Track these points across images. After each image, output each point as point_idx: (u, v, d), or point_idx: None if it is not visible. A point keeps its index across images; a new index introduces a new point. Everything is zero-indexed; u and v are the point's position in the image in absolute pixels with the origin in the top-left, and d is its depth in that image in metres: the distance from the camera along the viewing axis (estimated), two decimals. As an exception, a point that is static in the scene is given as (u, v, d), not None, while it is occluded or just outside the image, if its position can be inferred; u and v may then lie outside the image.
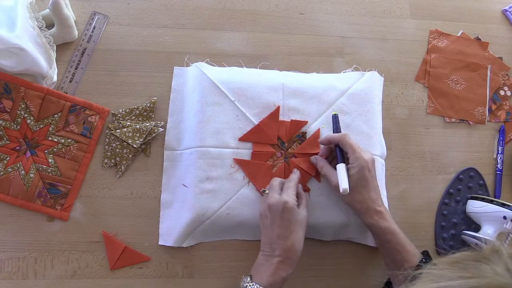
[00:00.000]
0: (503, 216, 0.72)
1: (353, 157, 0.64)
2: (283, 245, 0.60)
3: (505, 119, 0.84)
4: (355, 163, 0.63)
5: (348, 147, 0.64)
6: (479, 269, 0.39)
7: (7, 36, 0.62)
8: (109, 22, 0.77)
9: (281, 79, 0.75)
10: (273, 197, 0.63)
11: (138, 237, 0.70)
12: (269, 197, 0.63)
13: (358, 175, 0.63)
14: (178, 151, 0.73)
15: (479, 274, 0.38)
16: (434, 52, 0.84)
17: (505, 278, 0.37)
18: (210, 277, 0.71)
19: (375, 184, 0.65)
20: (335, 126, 0.70)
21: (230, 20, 0.80)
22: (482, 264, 0.39)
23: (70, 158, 0.71)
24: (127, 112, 0.74)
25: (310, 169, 0.71)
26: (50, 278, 0.68)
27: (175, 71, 0.77)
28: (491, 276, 0.38)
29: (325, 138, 0.69)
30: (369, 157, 0.64)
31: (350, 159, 0.64)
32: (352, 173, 0.63)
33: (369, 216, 0.64)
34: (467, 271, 0.39)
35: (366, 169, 0.63)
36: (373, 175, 0.64)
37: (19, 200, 0.69)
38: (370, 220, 0.63)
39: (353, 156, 0.64)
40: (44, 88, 0.71)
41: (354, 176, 0.63)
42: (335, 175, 0.65)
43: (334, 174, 0.66)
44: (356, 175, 0.63)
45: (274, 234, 0.61)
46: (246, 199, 0.69)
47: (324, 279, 0.73)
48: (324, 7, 0.84)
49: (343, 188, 0.63)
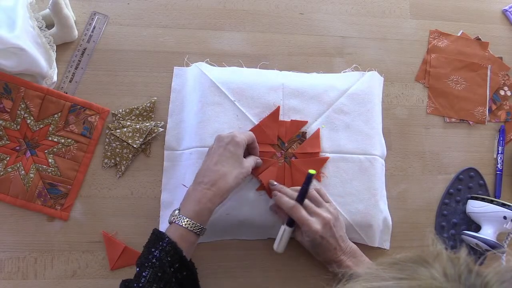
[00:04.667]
0: (503, 216, 0.72)
1: (303, 229, 0.64)
2: (215, 173, 0.60)
3: (505, 119, 0.84)
4: (306, 234, 0.64)
5: (296, 220, 0.64)
6: (415, 271, 0.38)
7: (7, 36, 0.62)
8: (109, 22, 0.77)
9: (281, 79, 0.75)
10: (226, 133, 0.65)
11: (138, 237, 0.70)
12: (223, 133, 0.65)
13: (311, 243, 0.64)
14: (178, 151, 0.73)
15: (412, 276, 0.38)
16: (434, 52, 0.84)
17: (439, 282, 0.36)
18: (210, 277, 0.70)
19: (331, 243, 0.64)
20: (305, 186, 0.64)
21: (230, 20, 0.80)
22: (420, 267, 0.38)
23: (70, 158, 0.71)
24: (127, 112, 0.74)
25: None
26: (50, 278, 0.68)
27: (175, 71, 0.77)
28: (425, 279, 0.37)
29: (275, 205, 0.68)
30: (319, 227, 0.62)
31: (301, 229, 0.64)
32: (305, 240, 0.65)
33: (329, 265, 0.66)
34: (403, 272, 0.39)
35: (317, 237, 0.63)
36: (328, 237, 0.64)
37: (19, 200, 0.69)
38: (330, 269, 0.66)
39: (302, 228, 0.64)
40: (44, 88, 0.71)
41: (307, 243, 0.65)
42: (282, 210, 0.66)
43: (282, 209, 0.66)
44: (308, 242, 0.65)
45: (212, 161, 0.62)
46: (246, 199, 0.69)
47: (324, 279, 0.72)
48: (324, 7, 0.84)
49: (275, 248, 0.66)
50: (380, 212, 0.73)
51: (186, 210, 0.59)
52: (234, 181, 0.61)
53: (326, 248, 0.64)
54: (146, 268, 0.54)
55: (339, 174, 0.72)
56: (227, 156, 0.62)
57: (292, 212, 0.63)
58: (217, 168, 0.61)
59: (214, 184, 0.60)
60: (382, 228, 0.74)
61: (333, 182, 0.72)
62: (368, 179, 0.73)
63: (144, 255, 0.56)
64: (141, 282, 0.54)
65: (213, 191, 0.59)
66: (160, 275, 0.54)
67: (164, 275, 0.54)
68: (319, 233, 0.62)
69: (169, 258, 0.55)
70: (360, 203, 0.71)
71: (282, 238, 0.65)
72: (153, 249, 0.56)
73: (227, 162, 0.61)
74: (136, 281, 0.54)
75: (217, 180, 0.60)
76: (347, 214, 0.71)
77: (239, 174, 0.62)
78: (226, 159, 0.61)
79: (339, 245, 0.65)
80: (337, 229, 0.65)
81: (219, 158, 0.62)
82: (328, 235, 0.63)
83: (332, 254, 0.65)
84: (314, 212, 0.64)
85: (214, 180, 0.60)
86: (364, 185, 0.72)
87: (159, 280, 0.54)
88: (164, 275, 0.54)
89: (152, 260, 0.55)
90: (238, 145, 0.62)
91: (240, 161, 0.63)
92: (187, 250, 0.58)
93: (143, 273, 0.54)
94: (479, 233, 0.74)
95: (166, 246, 0.56)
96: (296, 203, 0.64)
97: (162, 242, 0.56)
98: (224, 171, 0.61)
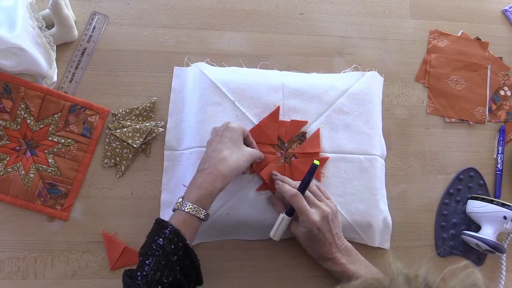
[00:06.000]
0: (503, 216, 0.72)
1: (301, 219, 0.64)
2: (214, 158, 0.61)
3: (505, 119, 0.84)
4: (304, 224, 0.64)
5: (296, 209, 0.64)
6: None
7: (7, 36, 0.62)
8: (109, 22, 0.77)
9: (281, 79, 0.75)
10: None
11: (138, 237, 0.70)
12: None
13: (308, 234, 0.64)
14: (178, 151, 0.73)
15: None
16: (434, 52, 0.84)
17: None
18: (210, 277, 0.70)
19: (328, 237, 0.64)
20: (308, 176, 0.65)
21: (230, 20, 0.80)
22: None
23: (70, 158, 0.71)
24: (127, 112, 0.74)
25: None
26: (50, 278, 0.68)
27: (175, 71, 0.77)
28: None
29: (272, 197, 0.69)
30: (317, 218, 0.63)
31: (299, 219, 0.64)
32: (302, 231, 0.64)
33: (323, 262, 0.67)
34: None
35: (314, 229, 0.63)
36: (325, 230, 0.64)
37: (19, 200, 0.69)
38: (325, 266, 0.67)
39: (301, 218, 0.64)
40: (44, 88, 0.71)
41: (303, 234, 0.65)
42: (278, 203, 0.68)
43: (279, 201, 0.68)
44: (305, 234, 0.64)
45: (210, 149, 0.62)
46: (246, 199, 0.69)
47: (324, 279, 0.72)
48: (324, 7, 0.84)
49: (271, 235, 0.66)
50: (380, 212, 0.73)
51: (189, 196, 0.59)
52: (235, 163, 0.61)
53: (321, 242, 0.64)
54: (150, 257, 0.54)
55: (339, 174, 0.72)
56: (224, 142, 0.62)
57: (293, 200, 0.64)
58: (216, 154, 0.61)
59: (215, 168, 0.60)
60: (382, 228, 0.74)
61: (333, 182, 0.72)
62: (368, 179, 0.73)
63: (148, 244, 0.56)
64: (144, 270, 0.53)
65: (214, 175, 0.59)
66: (164, 263, 0.54)
67: (168, 263, 0.54)
68: (316, 225, 0.63)
69: (172, 246, 0.55)
70: (360, 203, 0.71)
71: (280, 227, 0.66)
72: (156, 237, 0.55)
73: (226, 146, 0.62)
74: (140, 269, 0.54)
75: (216, 164, 0.60)
76: (347, 214, 0.71)
77: (240, 156, 0.62)
78: (224, 144, 0.62)
79: (334, 241, 0.65)
80: (335, 225, 0.65)
81: (217, 145, 0.62)
82: (325, 228, 0.64)
83: (327, 249, 0.65)
84: (314, 204, 0.65)
85: (214, 164, 0.60)
86: (364, 185, 0.72)
87: (163, 268, 0.53)
88: (168, 263, 0.54)
89: (156, 248, 0.54)
90: (234, 130, 0.63)
91: (239, 144, 0.63)
92: (190, 236, 0.57)
93: (147, 261, 0.54)
94: (479, 233, 0.74)
95: (169, 234, 0.55)
96: (298, 192, 0.64)
97: (165, 230, 0.56)
98: (224, 155, 0.61)
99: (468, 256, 0.77)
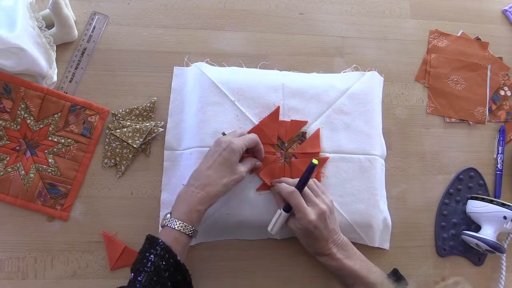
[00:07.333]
0: (503, 216, 0.72)
1: (297, 216, 0.64)
2: (206, 177, 0.61)
3: (505, 119, 0.84)
4: (300, 221, 0.64)
5: (293, 206, 0.64)
6: None
7: (7, 36, 0.62)
8: (109, 22, 0.77)
9: (281, 79, 0.75)
10: (225, 137, 0.65)
11: (138, 237, 0.70)
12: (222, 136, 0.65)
13: (304, 231, 0.64)
14: (178, 151, 0.73)
15: None
16: (434, 52, 0.84)
17: None
18: (210, 277, 0.71)
19: (324, 234, 0.64)
20: (306, 174, 0.65)
21: (230, 20, 0.80)
22: None
23: (70, 158, 0.71)
24: (127, 112, 0.74)
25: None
26: (50, 278, 0.68)
27: (175, 71, 0.77)
28: None
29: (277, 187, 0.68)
30: (314, 217, 0.63)
31: (296, 216, 0.64)
32: (298, 227, 0.65)
33: (319, 257, 0.67)
34: None
35: (311, 227, 0.63)
36: (322, 228, 0.64)
37: (19, 200, 0.69)
38: (320, 260, 0.67)
39: (297, 215, 0.64)
40: (44, 88, 0.71)
41: (299, 231, 0.65)
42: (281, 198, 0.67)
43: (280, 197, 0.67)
44: (300, 230, 0.65)
45: (205, 165, 0.63)
46: (246, 199, 0.69)
47: (324, 279, 0.73)
48: (324, 7, 0.84)
49: (269, 230, 0.66)
50: (380, 212, 0.73)
51: (178, 213, 0.60)
52: (223, 187, 0.62)
53: (317, 238, 0.64)
54: (142, 273, 0.55)
55: (339, 174, 0.72)
56: (220, 162, 0.62)
57: (290, 198, 0.64)
58: (209, 173, 0.62)
59: (204, 188, 0.61)
60: (382, 228, 0.74)
61: (333, 182, 0.72)
62: (368, 179, 0.73)
63: (139, 261, 0.57)
64: (136, 286, 0.54)
65: (201, 195, 0.60)
66: (156, 279, 0.54)
67: (159, 279, 0.54)
68: (313, 223, 0.63)
69: (164, 263, 0.55)
70: (360, 203, 0.71)
71: (277, 222, 0.66)
72: (147, 254, 0.56)
73: (220, 168, 0.62)
74: (132, 286, 0.54)
75: (206, 185, 0.61)
76: (347, 214, 0.71)
77: (230, 180, 0.63)
78: (219, 165, 0.62)
79: (331, 237, 0.65)
80: (331, 222, 0.66)
81: (213, 163, 0.62)
82: (321, 226, 0.64)
83: (323, 245, 0.65)
84: (312, 201, 0.65)
85: (204, 185, 0.61)
86: (364, 185, 0.72)
87: (155, 284, 0.54)
88: (159, 279, 0.54)
89: (147, 264, 0.55)
90: (233, 152, 0.63)
91: (233, 167, 0.63)
92: (181, 253, 0.58)
93: (139, 278, 0.54)
94: (479, 233, 0.74)
95: (160, 251, 0.56)
96: (295, 189, 0.64)
97: (157, 246, 0.56)
98: (215, 177, 0.62)
99: (468, 256, 0.77)
